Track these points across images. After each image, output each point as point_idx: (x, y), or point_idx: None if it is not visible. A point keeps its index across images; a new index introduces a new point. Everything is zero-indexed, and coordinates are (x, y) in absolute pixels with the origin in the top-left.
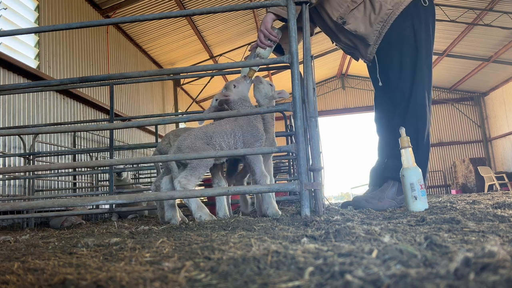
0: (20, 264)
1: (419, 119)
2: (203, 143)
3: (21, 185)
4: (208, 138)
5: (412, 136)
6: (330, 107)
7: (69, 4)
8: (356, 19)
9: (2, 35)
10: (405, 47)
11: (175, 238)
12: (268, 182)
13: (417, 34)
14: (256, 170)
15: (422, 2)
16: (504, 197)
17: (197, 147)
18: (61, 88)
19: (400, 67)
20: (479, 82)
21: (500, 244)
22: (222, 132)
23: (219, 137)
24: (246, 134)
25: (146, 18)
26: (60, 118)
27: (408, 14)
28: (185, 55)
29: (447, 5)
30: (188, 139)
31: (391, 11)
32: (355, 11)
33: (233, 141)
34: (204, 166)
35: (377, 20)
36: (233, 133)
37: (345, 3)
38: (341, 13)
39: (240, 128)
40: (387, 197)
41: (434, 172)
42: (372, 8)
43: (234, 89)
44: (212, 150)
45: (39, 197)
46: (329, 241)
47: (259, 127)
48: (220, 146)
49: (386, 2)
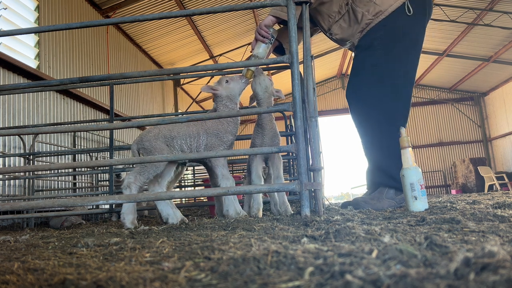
0: (20, 264)
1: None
2: (162, 143)
3: (21, 185)
4: (169, 139)
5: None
6: (330, 107)
7: (69, 4)
8: (342, 29)
9: (2, 35)
10: (370, 55)
11: (175, 238)
12: (230, 184)
13: (386, 45)
14: (218, 173)
15: (407, 12)
16: (504, 197)
17: (153, 147)
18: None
19: (361, 73)
20: (479, 82)
21: (500, 244)
22: (186, 135)
23: (181, 139)
24: (211, 136)
25: (146, 18)
26: (60, 118)
27: (383, 25)
28: (185, 55)
29: (447, 5)
30: (149, 134)
31: (371, 21)
32: (340, 21)
33: (196, 144)
34: (154, 167)
35: (358, 30)
36: (198, 135)
37: (333, 14)
38: (330, 23)
39: (205, 130)
40: (387, 197)
41: (434, 172)
42: (355, 18)
43: (225, 84)
44: (170, 152)
45: (39, 197)
46: (329, 241)
47: (228, 131)
48: (181, 148)
49: (368, 12)
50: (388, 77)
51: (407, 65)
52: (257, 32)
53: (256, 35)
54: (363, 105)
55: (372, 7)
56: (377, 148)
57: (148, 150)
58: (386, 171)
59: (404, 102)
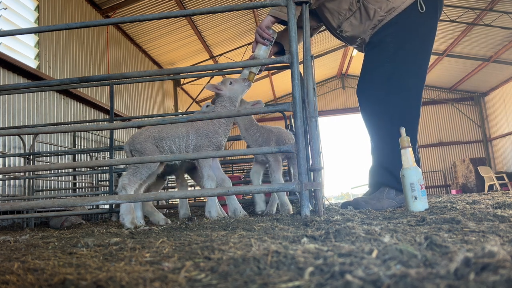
0: (20, 264)
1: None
2: (152, 145)
3: (21, 185)
4: (158, 140)
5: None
6: (330, 107)
7: (69, 4)
8: (353, 26)
9: (2, 35)
10: (382, 52)
11: (175, 238)
12: (214, 186)
13: (398, 42)
14: (204, 173)
15: (419, 9)
16: (504, 197)
17: (144, 148)
18: (61, 88)
19: (372, 70)
20: (479, 82)
21: (500, 244)
22: (175, 136)
23: (170, 140)
24: (201, 137)
25: (146, 18)
26: (60, 118)
27: (395, 22)
28: (185, 55)
29: (447, 5)
30: (140, 137)
31: (383, 17)
32: (351, 18)
33: (185, 144)
34: (146, 168)
35: (370, 26)
36: (187, 136)
37: (344, 11)
38: (340, 20)
39: (195, 131)
40: (387, 197)
41: (434, 172)
42: (367, 15)
43: (229, 85)
44: (159, 153)
45: (39, 197)
46: (329, 241)
47: (218, 132)
48: (170, 149)
49: (380, 9)
50: (399, 74)
51: (419, 62)
52: (257, 34)
53: (256, 36)
54: (374, 103)
55: (385, 4)
56: (384, 147)
57: (139, 151)
58: (390, 170)
59: (415, 100)
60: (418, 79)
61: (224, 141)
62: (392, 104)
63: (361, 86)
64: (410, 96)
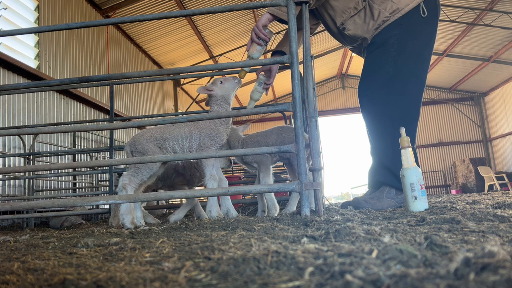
0: (20, 264)
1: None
2: (154, 146)
3: (21, 185)
4: (161, 141)
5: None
6: (330, 107)
7: (69, 4)
8: (356, 25)
9: (2, 35)
10: (384, 53)
11: (175, 238)
12: (216, 185)
13: (401, 43)
14: (206, 173)
15: (421, 13)
16: (504, 197)
17: (145, 149)
18: (61, 88)
19: (374, 71)
20: (479, 82)
21: (500, 244)
22: (178, 136)
23: (173, 140)
24: (204, 136)
25: (146, 18)
26: (60, 118)
27: (399, 23)
28: (185, 55)
29: (447, 5)
30: (142, 138)
31: (388, 18)
32: (355, 17)
33: (188, 144)
34: (147, 168)
35: (374, 27)
36: (190, 135)
37: (349, 9)
38: (344, 19)
39: (198, 130)
40: (387, 197)
41: (434, 172)
42: (371, 14)
43: (220, 85)
44: (162, 153)
45: (39, 197)
46: (329, 241)
47: (220, 131)
48: (173, 150)
49: (385, 10)
50: (401, 76)
51: (420, 64)
52: (253, 33)
53: (252, 35)
54: (375, 103)
55: (390, 5)
56: (385, 146)
57: (140, 152)
58: (391, 169)
59: (416, 101)
60: (419, 80)
61: (225, 139)
62: (393, 105)
63: (363, 86)
64: (411, 97)
